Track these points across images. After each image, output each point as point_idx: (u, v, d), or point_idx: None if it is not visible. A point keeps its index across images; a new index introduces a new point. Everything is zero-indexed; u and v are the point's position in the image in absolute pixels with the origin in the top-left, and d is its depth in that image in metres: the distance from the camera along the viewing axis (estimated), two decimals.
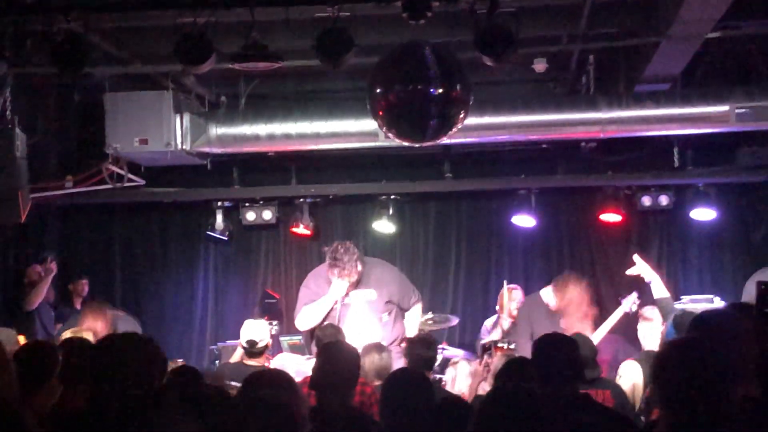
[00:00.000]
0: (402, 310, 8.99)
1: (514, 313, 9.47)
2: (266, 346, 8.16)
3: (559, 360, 4.79)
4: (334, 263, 8.71)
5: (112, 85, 9.65)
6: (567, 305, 8.72)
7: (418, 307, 9.09)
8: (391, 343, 8.57)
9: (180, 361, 8.54)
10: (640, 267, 8.37)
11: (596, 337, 8.58)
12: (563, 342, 5.08)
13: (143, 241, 11.99)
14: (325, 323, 8.55)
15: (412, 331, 8.85)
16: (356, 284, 8.79)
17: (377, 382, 6.55)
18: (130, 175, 10.34)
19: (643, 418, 6.30)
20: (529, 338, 8.69)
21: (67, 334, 7.32)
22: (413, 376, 5.30)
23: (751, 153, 10.56)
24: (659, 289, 8.03)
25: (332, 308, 8.76)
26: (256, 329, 8.12)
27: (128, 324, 9.26)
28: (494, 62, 7.35)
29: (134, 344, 4.18)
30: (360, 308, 8.79)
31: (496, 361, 6.92)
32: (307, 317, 8.87)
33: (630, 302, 9.07)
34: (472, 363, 8.25)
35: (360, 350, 6.23)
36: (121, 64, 9.28)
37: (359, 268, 8.75)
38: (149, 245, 12.00)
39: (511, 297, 9.66)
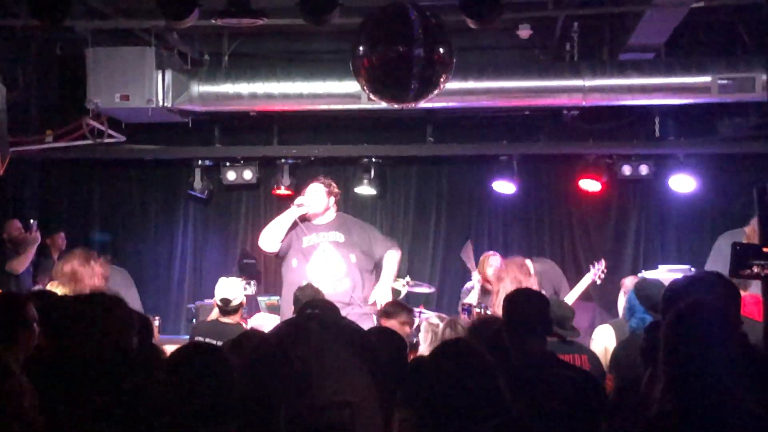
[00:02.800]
0: (374, 261, 9.01)
1: (490, 278, 9.51)
2: (240, 304, 8.16)
3: (528, 314, 4.80)
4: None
5: (94, 40, 9.57)
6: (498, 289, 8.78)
7: (393, 253, 9.06)
8: (360, 298, 8.67)
9: (156, 318, 8.60)
10: None
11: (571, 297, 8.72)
12: (534, 296, 5.10)
13: (122, 198, 11.96)
14: (304, 282, 8.56)
15: (388, 278, 8.88)
16: (327, 227, 8.90)
17: None
18: (111, 131, 10.30)
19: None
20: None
21: (53, 285, 7.35)
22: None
23: (733, 124, 10.58)
24: None
25: (300, 247, 8.84)
26: (230, 287, 8.14)
27: (120, 275, 9.34)
28: (479, 25, 7.36)
29: (112, 309, 4.26)
30: (327, 248, 8.86)
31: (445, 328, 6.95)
32: (267, 234, 9.02)
33: (597, 270, 9.18)
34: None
35: None
36: (104, 19, 9.22)
37: (325, 197, 8.93)
38: (128, 202, 11.97)
39: (488, 263, 9.70)
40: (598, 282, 9.38)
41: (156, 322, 8.24)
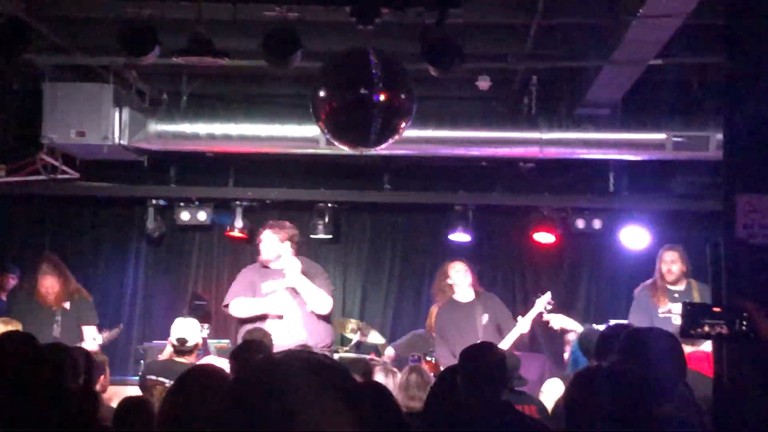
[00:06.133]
0: None
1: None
2: (196, 345, 8.10)
3: (485, 364, 4.79)
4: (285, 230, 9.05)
5: (52, 75, 9.51)
6: None
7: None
8: (323, 346, 8.64)
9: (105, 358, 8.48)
10: (558, 321, 8.67)
11: (513, 336, 8.73)
12: (491, 349, 5.10)
13: (74, 236, 11.83)
14: (253, 327, 8.51)
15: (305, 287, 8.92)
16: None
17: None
18: (65, 167, 10.20)
19: None
20: (445, 345, 8.89)
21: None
22: None
23: (686, 182, 10.70)
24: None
25: (260, 291, 8.84)
26: (188, 327, 8.07)
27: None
28: (440, 74, 7.39)
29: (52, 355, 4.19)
30: (285, 296, 8.83)
31: (402, 375, 6.93)
32: (243, 308, 8.97)
33: (543, 302, 9.21)
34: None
35: None
36: (63, 54, 9.16)
37: (277, 244, 9.03)
38: (80, 240, 11.84)
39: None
40: (545, 312, 9.34)
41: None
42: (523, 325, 9.06)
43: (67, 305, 9.34)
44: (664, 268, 9.27)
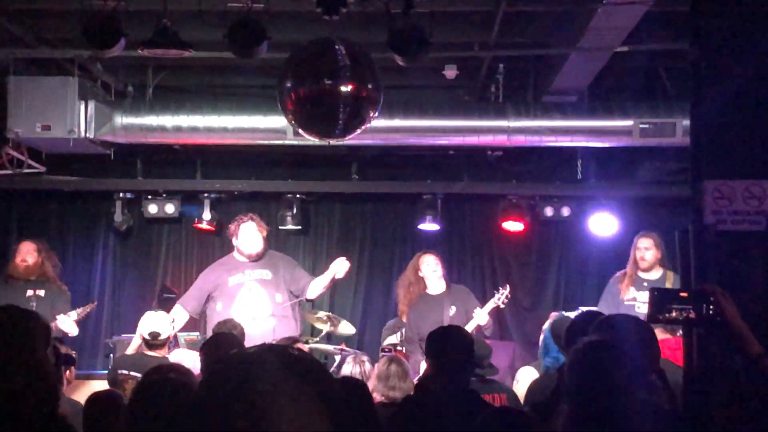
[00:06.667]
0: (297, 296, 9.06)
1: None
2: (167, 339, 8.07)
3: (452, 346, 4.79)
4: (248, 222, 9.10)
5: (16, 69, 9.42)
6: None
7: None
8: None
9: (73, 353, 8.42)
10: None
11: (469, 327, 8.77)
12: (458, 332, 5.10)
13: (42, 229, 11.69)
14: (224, 319, 8.49)
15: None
16: (254, 264, 8.92)
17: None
18: (31, 162, 10.13)
19: None
20: (418, 340, 8.87)
21: None
22: None
23: (653, 168, 10.75)
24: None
25: (225, 289, 8.84)
26: (159, 321, 8.03)
27: None
28: (406, 62, 7.39)
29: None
30: (253, 286, 8.82)
31: (380, 365, 6.93)
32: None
33: (501, 295, 9.27)
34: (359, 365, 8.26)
35: None
36: (27, 47, 9.09)
37: (261, 235, 9.21)
38: (48, 234, 11.69)
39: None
40: (502, 306, 9.42)
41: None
42: (480, 317, 9.09)
43: (41, 292, 9.30)
44: (637, 255, 9.21)
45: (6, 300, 8.69)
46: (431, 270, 9.45)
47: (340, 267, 9.10)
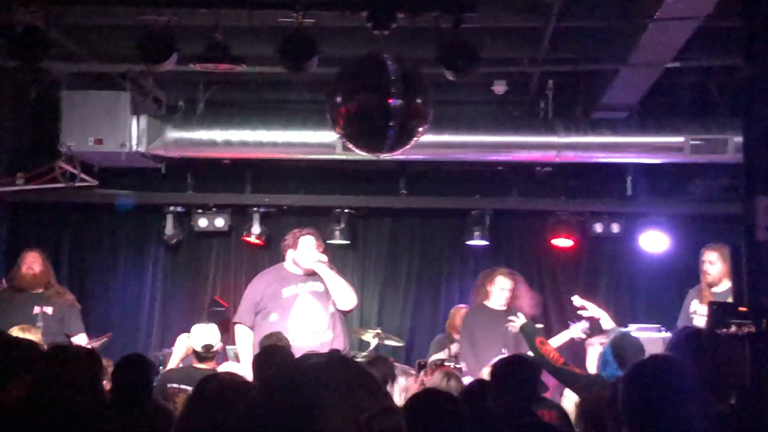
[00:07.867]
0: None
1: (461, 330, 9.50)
2: (217, 351, 8.08)
3: (516, 380, 4.80)
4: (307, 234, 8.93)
5: (69, 83, 9.55)
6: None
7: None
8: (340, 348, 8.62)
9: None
10: (586, 305, 8.48)
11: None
12: (522, 362, 5.10)
13: (93, 243, 11.85)
14: (272, 332, 8.50)
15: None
16: (306, 277, 8.88)
17: None
18: (83, 175, 10.23)
19: None
20: (469, 347, 8.80)
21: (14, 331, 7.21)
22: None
23: (704, 185, 10.64)
24: (607, 322, 8.12)
25: (279, 300, 8.79)
26: (210, 333, 8.01)
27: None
28: (456, 77, 7.39)
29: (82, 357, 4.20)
30: (307, 298, 8.81)
31: (434, 378, 6.89)
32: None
33: (579, 329, 9.09)
34: (408, 378, 8.24)
35: None
36: (80, 62, 9.20)
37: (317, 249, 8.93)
38: (98, 247, 11.86)
39: (459, 316, 9.67)
40: (580, 339, 9.26)
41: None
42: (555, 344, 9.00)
43: (48, 310, 9.08)
44: (702, 269, 9.01)
45: (13, 319, 8.58)
46: (501, 291, 9.36)
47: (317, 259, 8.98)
